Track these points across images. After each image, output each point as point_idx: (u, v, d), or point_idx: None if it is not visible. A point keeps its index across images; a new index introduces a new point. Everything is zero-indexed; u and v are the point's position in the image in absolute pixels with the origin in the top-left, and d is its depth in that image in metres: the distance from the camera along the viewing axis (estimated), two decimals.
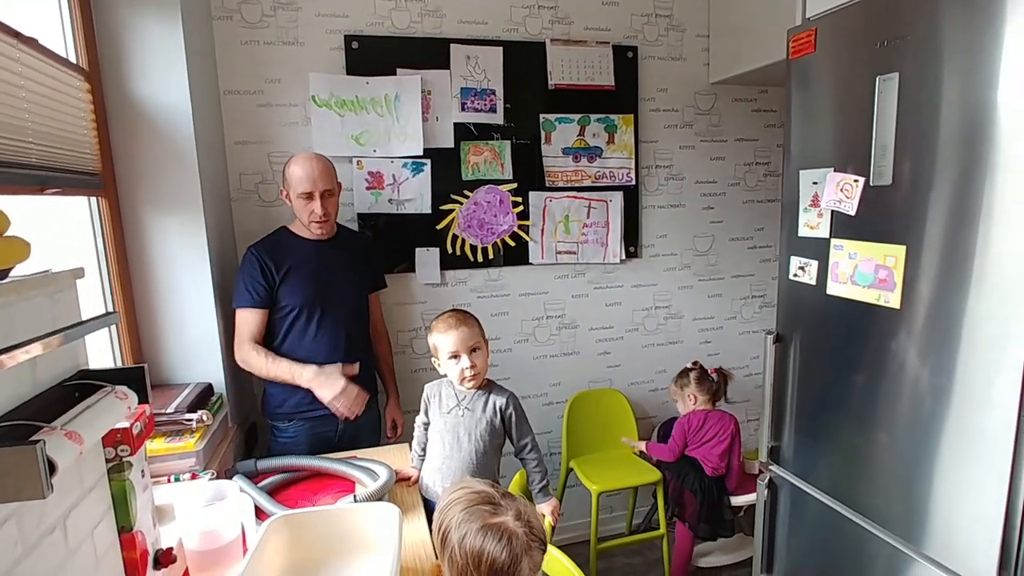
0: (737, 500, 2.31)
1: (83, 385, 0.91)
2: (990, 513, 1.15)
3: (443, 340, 1.60)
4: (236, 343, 1.84)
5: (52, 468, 0.68)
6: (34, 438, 0.67)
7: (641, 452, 2.45)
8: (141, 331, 1.76)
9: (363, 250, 2.05)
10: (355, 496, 1.47)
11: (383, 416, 2.13)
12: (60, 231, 1.58)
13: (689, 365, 2.40)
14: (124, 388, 0.90)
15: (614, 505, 2.73)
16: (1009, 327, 1.09)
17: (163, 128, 1.70)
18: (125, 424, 1.01)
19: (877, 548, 1.37)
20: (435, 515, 1.01)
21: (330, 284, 1.89)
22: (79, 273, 0.92)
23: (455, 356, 1.59)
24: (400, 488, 1.62)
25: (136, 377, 0.95)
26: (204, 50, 1.92)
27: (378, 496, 1.46)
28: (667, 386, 2.70)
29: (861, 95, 1.31)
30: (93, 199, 1.60)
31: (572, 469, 2.45)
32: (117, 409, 0.86)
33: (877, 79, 1.28)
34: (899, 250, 1.26)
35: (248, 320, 1.83)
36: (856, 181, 1.33)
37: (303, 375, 1.80)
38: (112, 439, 1.00)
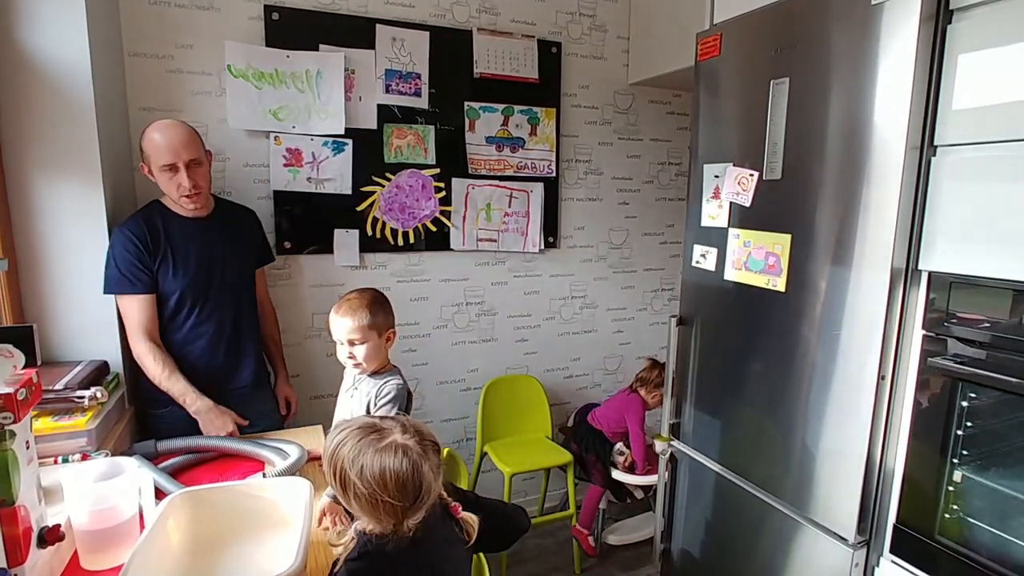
0: (642, 480, 2.44)
1: None
2: (852, 474, 1.30)
3: (332, 323, 1.55)
4: (129, 335, 1.68)
5: None
6: None
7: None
8: (25, 303, 1.63)
9: (247, 225, 1.94)
10: (264, 473, 1.44)
11: (276, 397, 2.03)
12: None
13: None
14: (9, 346, 0.84)
15: (527, 489, 2.79)
16: (875, 313, 1.23)
17: (58, 86, 1.58)
18: (8, 389, 0.94)
19: (763, 510, 1.51)
20: (325, 463, 1.01)
21: (212, 266, 1.75)
22: None
23: (340, 342, 1.55)
24: (312, 467, 1.60)
25: (23, 337, 0.89)
26: (106, 6, 1.79)
27: (289, 473, 1.44)
28: (582, 373, 2.83)
29: (758, 96, 1.44)
30: None
31: (486, 453, 2.50)
32: (2, 366, 0.80)
33: (771, 82, 1.40)
34: (785, 238, 1.39)
35: (135, 309, 1.66)
36: (751, 175, 1.46)
37: (194, 404, 1.66)
38: None
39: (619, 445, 2.50)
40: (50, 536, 1.05)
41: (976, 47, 1.10)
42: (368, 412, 1.53)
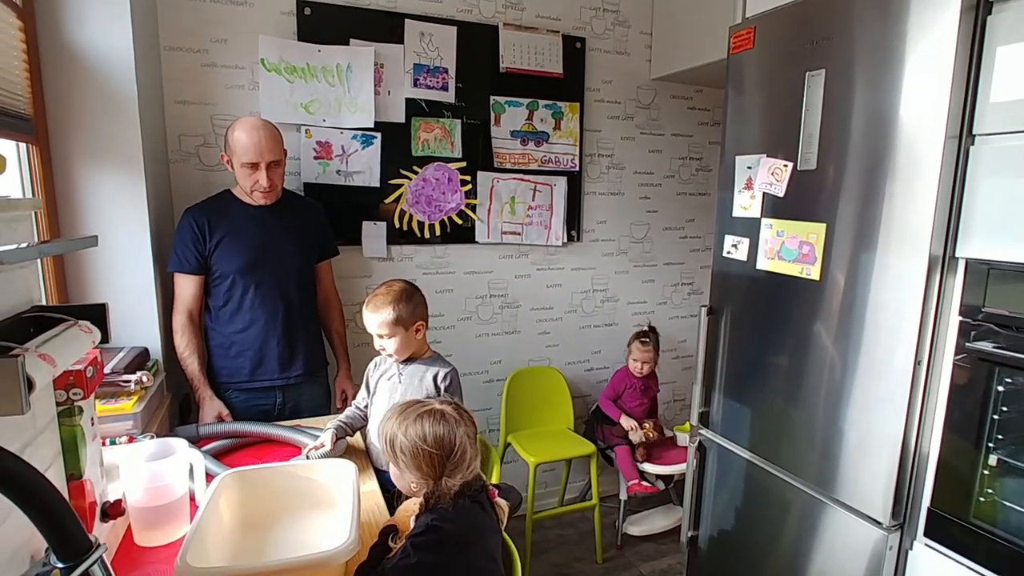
0: (664, 470, 2.46)
1: (38, 319, 0.87)
2: (887, 459, 1.32)
3: (363, 317, 1.59)
4: (173, 310, 1.81)
5: (30, 385, 0.66)
6: (12, 354, 0.66)
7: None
8: (71, 290, 1.67)
9: (310, 217, 1.99)
10: (307, 455, 1.47)
11: (332, 388, 2.10)
12: None
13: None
14: (87, 322, 0.88)
15: (548, 480, 2.82)
16: (912, 300, 1.25)
17: (102, 78, 1.62)
18: (79, 366, 0.97)
19: (792, 495, 1.53)
20: (379, 440, 1.15)
21: (267, 251, 1.84)
22: (36, 204, 0.88)
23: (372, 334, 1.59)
24: (351, 454, 1.62)
25: (97, 315, 0.92)
26: (146, 1, 1.83)
27: (330, 456, 1.47)
28: (602, 366, 2.85)
29: (792, 88, 1.46)
30: (23, 145, 1.50)
31: (510, 444, 2.53)
32: (83, 341, 0.83)
33: (807, 74, 1.42)
34: (820, 228, 1.41)
35: (181, 286, 1.80)
36: (786, 166, 1.48)
37: (197, 391, 1.80)
38: (64, 381, 0.96)
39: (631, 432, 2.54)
40: (112, 510, 1.09)
41: (1016, 39, 1.11)
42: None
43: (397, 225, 2.33)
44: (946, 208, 1.20)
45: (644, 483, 2.42)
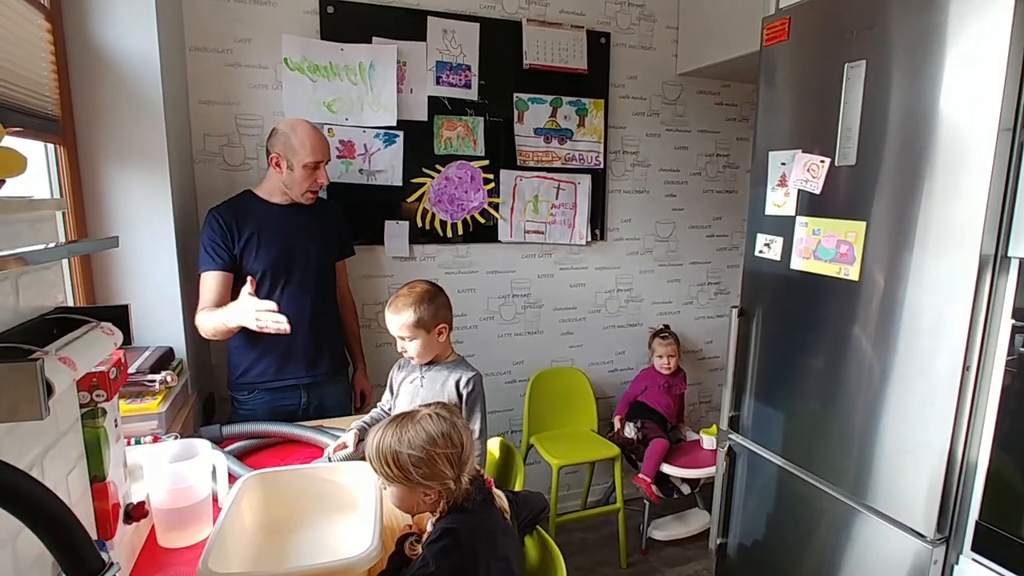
0: (690, 473, 2.41)
1: (62, 320, 0.86)
2: (931, 469, 1.25)
3: (386, 319, 1.54)
4: (198, 310, 1.78)
5: (49, 390, 0.65)
6: (31, 357, 0.64)
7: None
8: (97, 290, 1.68)
9: (330, 216, 1.97)
10: (329, 457, 1.46)
11: (351, 388, 2.10)
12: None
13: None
14: (109, 324, 0.86)
15: (571, 483, 2.78)
16: (960, 302, 1.19)
17: (128, 79, 1.62)
18: (102, 368, 0.97)
19: (827, 504, 1.48)
20: (375, 464, 1.08)
21: (295, 250, 1.83)
22: (62, 204, 0.87)
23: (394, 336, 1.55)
24: None
25: (119, 316, 0.91)
26: (171, 2, 1.83)
27: (353, 458, 1.45)
28: (626, 367, 2.80)
29: (830, 81, 1.40)
30: (50, 146, 1.51)
31: (532, 446, 2.49)
32: (105, 343, 0.82)
33: (846, 66, 1.36)
34: (860, 226, 1.35)
35: (209, 285, 1.76)
36: (823, 162, 1.42)
37: (227, 315, 1.65)
38: (87, 383, 0.96)
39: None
40: (136, 512, 1.08)
41: None
42: (460, 402, 1.53)
43: (419, 224, 2.31)
44: (998, 205, 1.13)
45: (652, 488, 2.40)
